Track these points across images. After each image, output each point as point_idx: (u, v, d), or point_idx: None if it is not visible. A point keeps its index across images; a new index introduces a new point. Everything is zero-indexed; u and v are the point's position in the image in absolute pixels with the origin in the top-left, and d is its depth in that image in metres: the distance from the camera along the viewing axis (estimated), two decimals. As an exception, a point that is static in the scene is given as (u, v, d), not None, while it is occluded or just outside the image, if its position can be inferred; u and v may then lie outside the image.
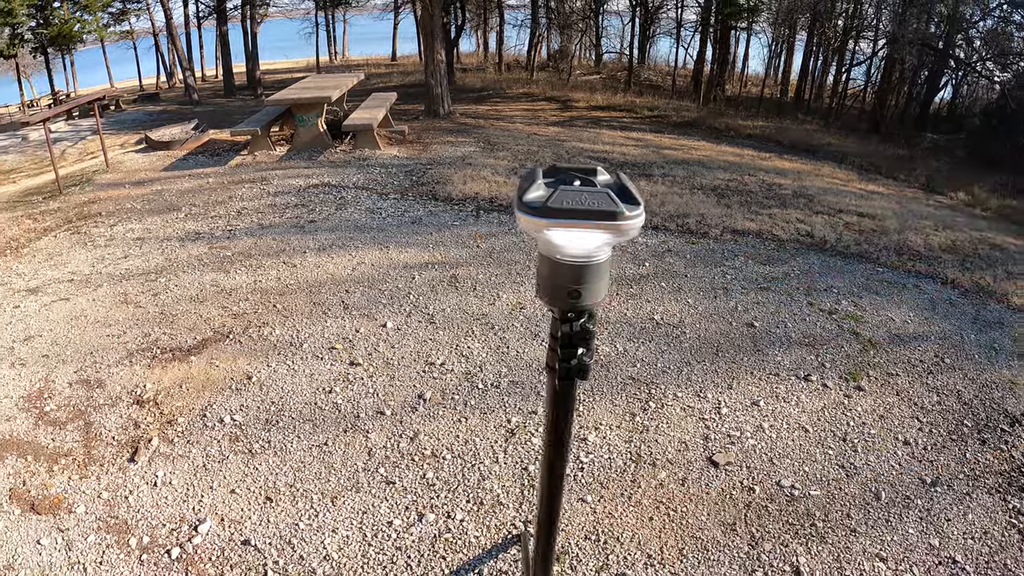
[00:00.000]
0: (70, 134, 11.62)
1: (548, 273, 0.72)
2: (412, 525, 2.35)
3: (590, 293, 0.71)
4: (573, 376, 0.79)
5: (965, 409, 3.07)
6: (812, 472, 2.61)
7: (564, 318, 0.75)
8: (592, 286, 0.70)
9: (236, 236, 5.32)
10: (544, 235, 0.67)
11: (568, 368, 0.77)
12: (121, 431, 2.90)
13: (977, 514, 2.43)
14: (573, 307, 0.73)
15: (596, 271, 0.70)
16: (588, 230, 0.65)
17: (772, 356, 3.43)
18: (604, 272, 0.71)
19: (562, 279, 0.71)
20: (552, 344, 0.79)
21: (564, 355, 0.77)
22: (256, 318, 3.87)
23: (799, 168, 9.10)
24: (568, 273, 0.70)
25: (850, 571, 2.17)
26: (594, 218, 0.65)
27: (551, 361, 0.81)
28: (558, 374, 0.79)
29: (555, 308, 0.76)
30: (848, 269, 4.65)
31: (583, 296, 0.71)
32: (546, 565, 1.11)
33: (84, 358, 3.51)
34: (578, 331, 0.76)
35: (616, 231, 0.64)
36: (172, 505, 2.46)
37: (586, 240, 0.67)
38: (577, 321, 0.75)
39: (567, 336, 0.76)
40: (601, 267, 0.70)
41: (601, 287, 0.71)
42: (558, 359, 0.77)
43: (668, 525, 2.36)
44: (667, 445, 2.76)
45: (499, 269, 4.50)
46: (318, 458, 2.69)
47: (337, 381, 3.22)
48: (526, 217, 0.66)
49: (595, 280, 0.70)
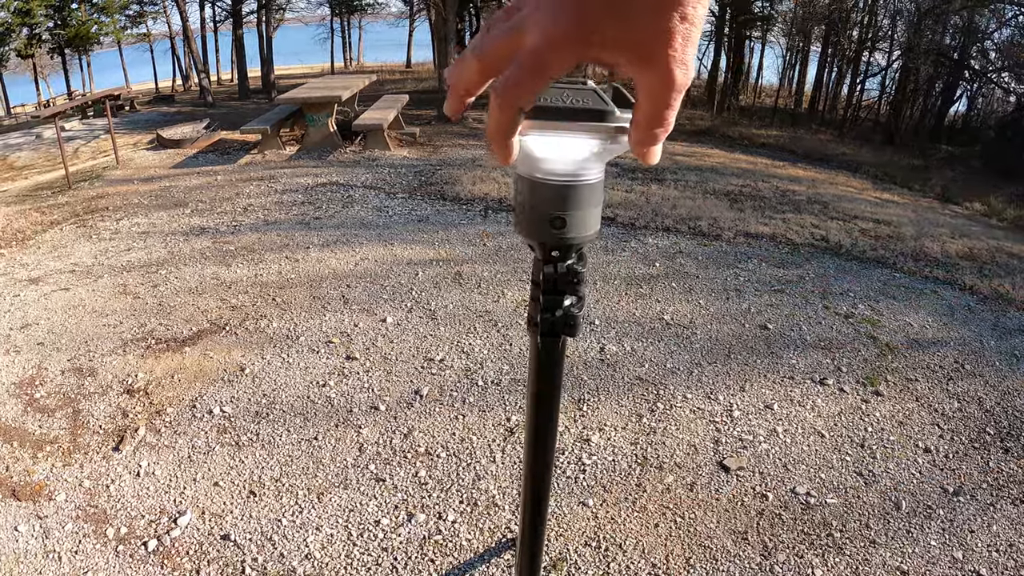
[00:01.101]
0: (84, 133, 11.66)
1: (527, 198, 0.56)
2: (401, 525, 2.23)
3: (578, 222, 0.56)
4: (559, 331, 0.64)
5: (987, 416, 2.91)
6: (829, 479, 2.47)
7: (547, 257, 0.60)
8: (580, 214, 0.55)
9: (240, 231, 5.25)
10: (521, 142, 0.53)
11: (552, 321, 0.63)
12: (109, 420, 2.81)
13: (1002, 526, 2.28)
14: (558, 241, 0.58)
15: (585, 194, 0.55)
16: (573, 134, 0.51)
17: (786, 359, 3.29)
18: (595, 197, 0.56)
19: (544, 204, 0.55)
20: (533, 292, 0.63)
21: (547, 304, 0.62)
22: (254, 311, 3.78)
23: (813, 176, 8.94)
24: (551, 196, 0.55)
25: (868, 584, 2.03)
26: (580, 118, 0.50)
27: (532, 314, 0.65)
28: (540, 329, 0.64)
29: (535, 244, 0.60)
30: (864, 274, 4.50)
31: (568, 225, 0.56)
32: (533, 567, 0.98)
33: (79, 347, 3.44)
34: (564, 273, 0.61)
35: (607, 135, 0.50)
36: (153, 496, 2.36)
37: (572, 149, 0.52)
38: (563, 261, 0.60)
39: (551, 280, 0.61)
40: (591, 189, 0.55)
41: (591, 216, 0.56)
42: (540, 310, 0.63)
43: (675, 532, 2.22)
44: (675, 448, 2.63)
45: (505, 267, 4.39)
46: (307, 452, 2.57)
47: (332, 375, 3.11)
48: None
49: (584, 206, 0.55)
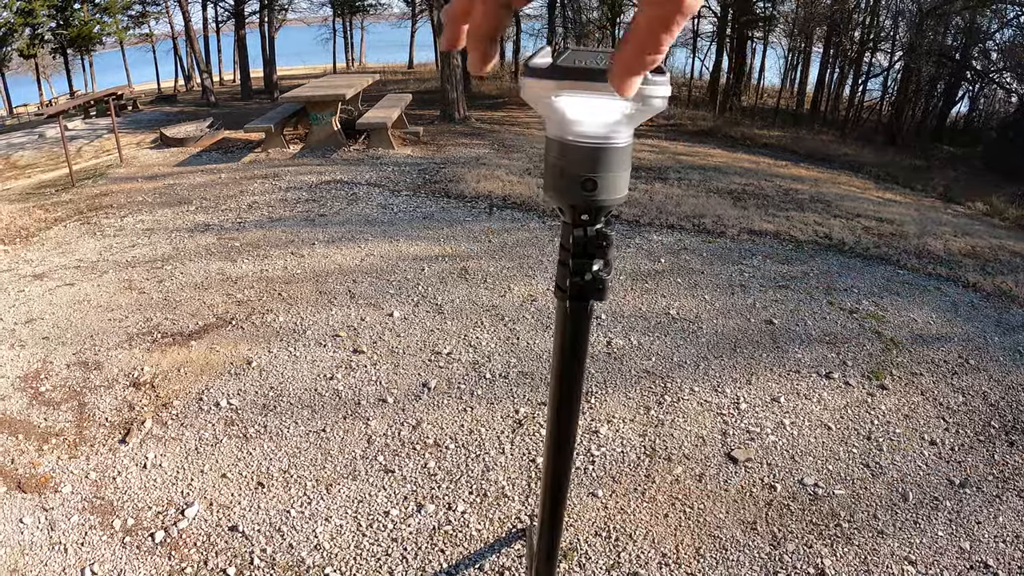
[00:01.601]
0: (87, 132, 11.67)
1: (557, 160, 0.58)
2: (410, 516, 2.23)
3: (608, 185, 0.58)
4: (587, 296, 0.66)
5: (991, 410, 2.92)
6: (836, 471, 2.47)
7: (576, 220, 0.62)
8: (611, 175, 0.57)
9: (245, 228, 5.26)
10: (553, 103, 0.54)
11: (581, 285, 0.64)
12: (115, 413, 2.81)
13: (1008, 517, 2.28)
14: (588, 204, 0.60)
15: (615, 156, 0.57)
16: (606, 95, 0.52)
17: (792, 353, 3.30)
18: (625, 160, 0.58)
19: (575, 166, 0.57)
20: (562, 256, 0.65)
21: (576, 267, 0.64)
22: (260, 305, 3.78)
23: (815, 176, 8.95)
24: (582, 158, 0.57)
25: (878, 574, 2.02)
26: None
27: (560, 279, 0.67)
28: (568, 293, 0.66)
29: (565, 207, 0.61)
30: (868, 270, 4.50)
31: (599, 188, 0.58)
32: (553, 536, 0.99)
33: (84, 341, 3.44)
34: (593, 236, 0.62)
35: (639, 97, 0.51)
36: (160, 488, 2.36)
37: (603, 110, 0.54)
38: (592, 225, 0.62)
39: (580, 242, 0.63)
40: (621, 152, 0.57)
41: (621, 179, 0.58)
42: (569, 274, 0.64)
43: (684, 523, 2.23)
44: (683, 440, 2.63)
45: (511, 262, 4.39)
46: (315, 444, 2.58)
47: (339, 368, 3.11)
48: (532, 80, 0.53)
49: (614, 168, 0.57)
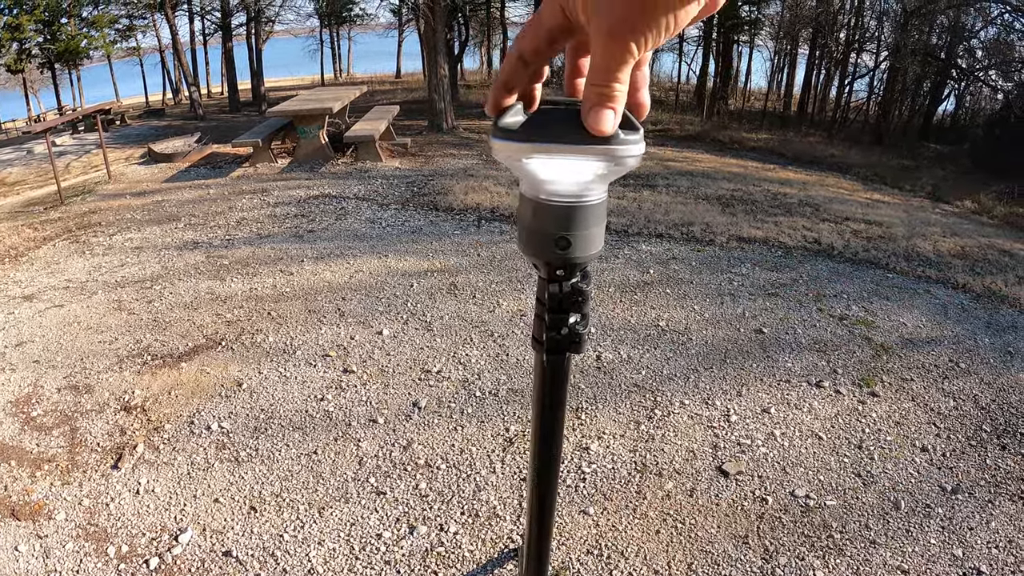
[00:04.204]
0: (75, 147, 11.63)
1: (531, 219, 0.57)
2: (403, 538, 2.23)
3: (582, 242, 0.57)
4: (564, 350, 0.66)
5: (983, 414, 2.94)
6: (827, 481, 2.48)
7: (552, 276, 0.62)
8: (585, 233, 0.57)
9: (234, 245, 5.25)
10: (524, 166, 0.54)
11: (557, 339, 0.64)
12: (106, 437, 2.80)
13: (1001, 522, 2.30)
14: (563, 260, 0.60)
15: (589, 214, 0.56)
16: (578, 157, 0.52)
17: (782, 362, 3.31)
18: (599, 217, 0.57)
19: (548, 225, 0.57)
20: (538, 311, 0.65)
21: (552, 322, 0.64)
22: (250, 325, 3.77)
23: (804, 179, 9.01)
24: (555, 217, 0.56)
25: (869, 586, 2.04)
26: (585, 142, 0.52)
27: (537, 333, 0.67)
28: (546, 347, 0.66)
29: (540, 264, 0.61)
30: (857, 275, 4.53)
31: (574, 245, 0.58)
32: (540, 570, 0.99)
33: (74, 364, 3.43)
34: (568, 292, 0.62)
35: (611, 157, 0.52)
36: (153, 513, 2.35)
37: (576, 171, 0.54)
38: (567, 280, 0.62)
39: (556, 298, 0.63)
40: (595, 210, 0.57)
41: (595, 236, 0.58)
42: (545, 328, 0.64)
43: (676, 538, 2.23)
44: (674, 454, 2.64)
45: (499, 276, 4.40)
46: (306, 467, 2.57)
47: (329, 388, 3.11)
48: (501, 143, 0.53)
49: (588, 226, 0.57)
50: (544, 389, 0.74)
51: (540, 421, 0.79)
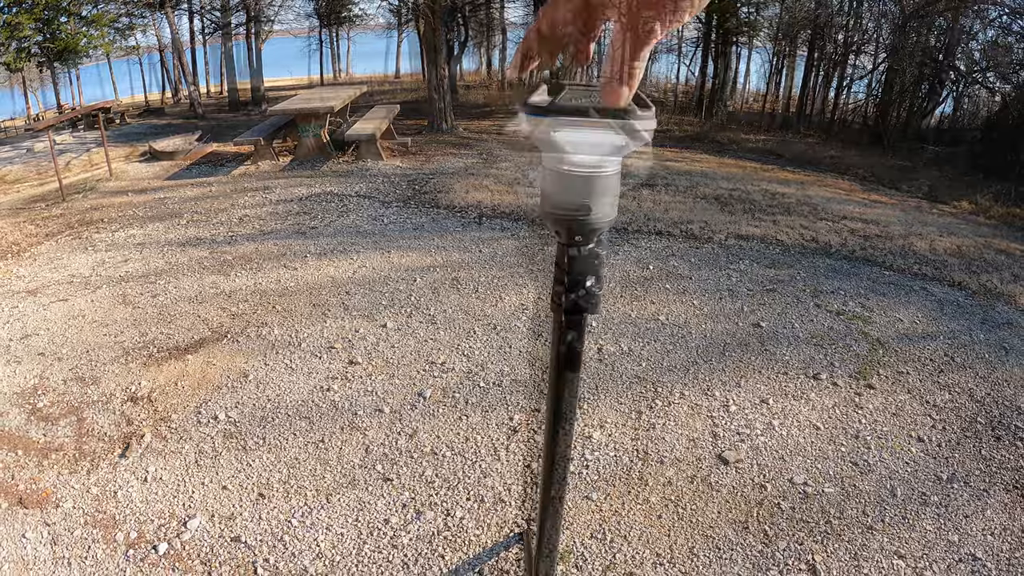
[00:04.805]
0: (75, 146, 11.64)
1: (554, 188, 0.66)
2: (409, 522, 2.27)
3: (600, 209, 0.65)
4: (582, 309, 0.73)
5: (978, 407, 2.99)
6: (825, 469, 2.53)
7: (571, 240, 0.70)
8: (602, 200, 0.65)
9: (237, 241, 5.28)
10: (550, 138, 0.62)
11: (576, 300, 0.72)
12: (114, 427, 2.83)
13: (996, 510, 2.35)
14: (581, 226, 0.68)
15: (607, 183, 0.64)
16: (598, 130, 0.60)
17: (780, 355, 3.36)
18: (614, 187, 0.66)
19: (571, 193, 0.65)
20: (557, 275, 0.73)
21: (571, 283, 0.71)
22: (255, 318, 3.81)
23: (801, 179, 9.06)
24: (576, 186, 0.64)
25: (868, 569, 2.08)
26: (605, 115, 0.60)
27: (556, 294, 0.75)
28: (565, 307, 0.73)
29: (562, 229, 0.70)
30: (854, 272, 4.58)
31: (592, 212, 0.66)
32: (552, 541, 1.04)
33: (80, 356, 3.46)
34: (586, 255, 0.70)
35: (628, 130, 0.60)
36: (162, 500, 2.39)
37: (596, 142, 0.62)
38: (585, 245, 0.70)
39: (574, 261, 0.70)
40: (611, 180, 0.65)
41: (611, 204, 0.66)
42: (564, 289, 0.71)
43: (677, 523, 2.27)
44: (675, 443, 2.68)
45: (502, 272, 4.44)
46: (313, 455, 2.61)
47: (335, 379, 3.14)
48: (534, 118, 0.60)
49: (605, 194, 0.64)
50: (561, 348, 0.80)
51: (556, 382, 0.84)
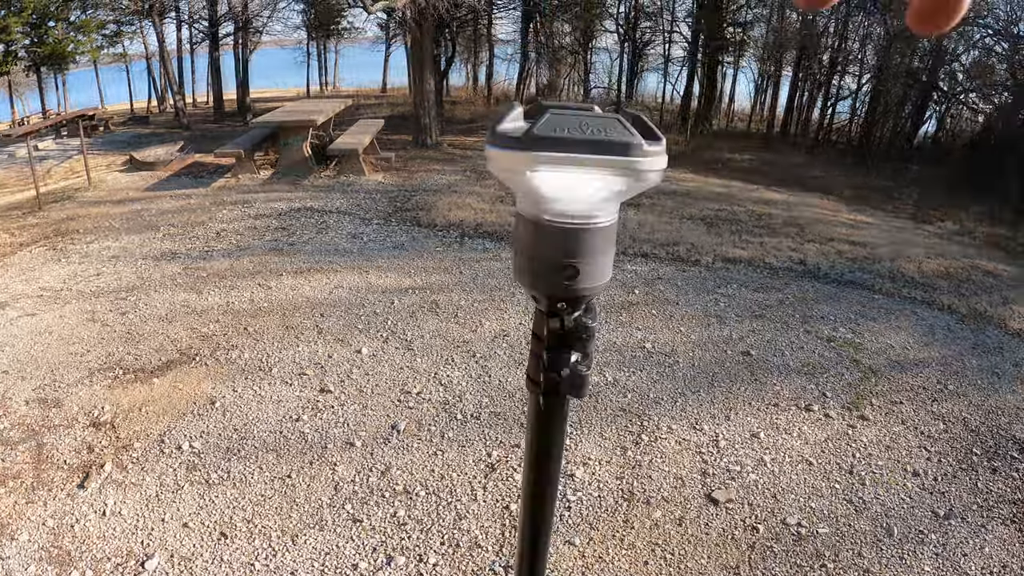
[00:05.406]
0: (57, 152, 11.42)
1: (532, 243, 0.47)
2: (379, 569, 2.13)
3: (591, 271, 0.47)
4: (563, 392, 0.55)
5: (973, 437, 2.91)
6: (819, 508, 2.42)
7: (553, 309, 0.50)
8: (594, 260, 0.47)
9: (213, 257, 5.13)
10: (527, 180, 0.44)
11: (556, 380, 0.54)
12: (74, 454, 2.68)
13: (994, 547, 2.26)
14: (567, 292, 0.49)
15: (599, 238, 0.46)
16: (591, 170, 0.43)
17: (771, 385, 3.26)
18: (609, 242, 0.47)
19: (552, 250, 0.47)
20: (535, 347, 0.54)
21: (551, 361, 0.53)
22: (225, 340, 3.66)
23: (787, 199, 9.05)
24: (560, 241, 0.46)
25: (863, 621, 1.97)
26: (600, 151, 0.42)
27: (533, 372, 0.56)
28: (543, 388, 0.55)
29: (540, 296, 0.50)
30: (843, 296, 4.51)
31: (582, 275, 0.47)
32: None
33: (44, 376, 3.30)
34: (572, 327, 0.52)
35: (632, 171, 0.43)
36: (120, 537, 2.24)
37: (588, 187, 0.44)
38: (570, 314, 0.51)
39: (557, 335, 0.52)
40: (605, 233, 0.47)
41: (605, 264, 0.48)
42: (543, 367, 0.54)
43: (665, 569, 2.15)
44: (662, 481, 2.56)
45: (482, 295, 4.32)
46: (280, 491, 2.46)
47: (306, 409, 3.00)
48: (501, 152, 0.43)
49: (598, 252, 0.47)
50: (539, 435, 0.66)
51: (533, 471, 0.71)
